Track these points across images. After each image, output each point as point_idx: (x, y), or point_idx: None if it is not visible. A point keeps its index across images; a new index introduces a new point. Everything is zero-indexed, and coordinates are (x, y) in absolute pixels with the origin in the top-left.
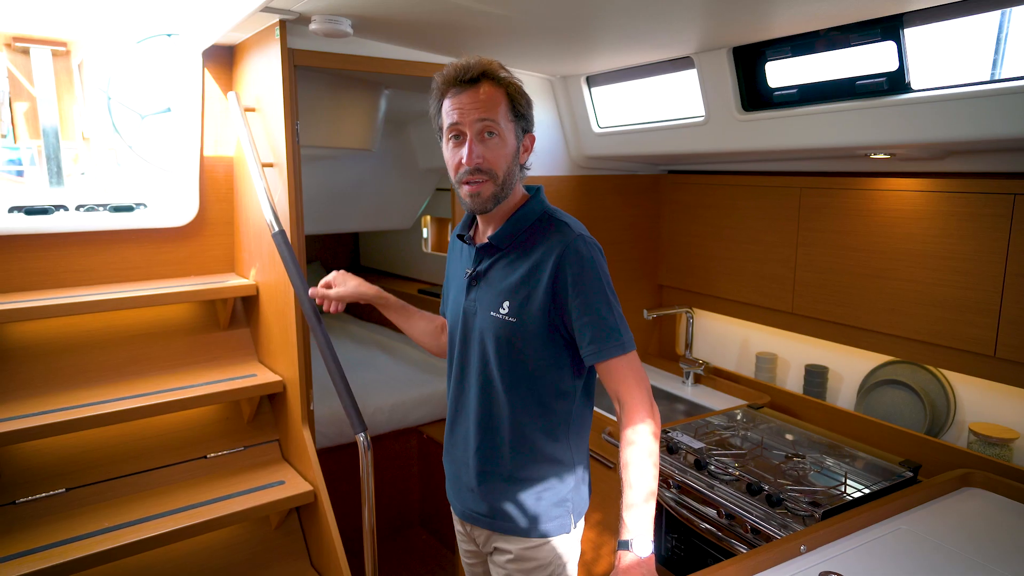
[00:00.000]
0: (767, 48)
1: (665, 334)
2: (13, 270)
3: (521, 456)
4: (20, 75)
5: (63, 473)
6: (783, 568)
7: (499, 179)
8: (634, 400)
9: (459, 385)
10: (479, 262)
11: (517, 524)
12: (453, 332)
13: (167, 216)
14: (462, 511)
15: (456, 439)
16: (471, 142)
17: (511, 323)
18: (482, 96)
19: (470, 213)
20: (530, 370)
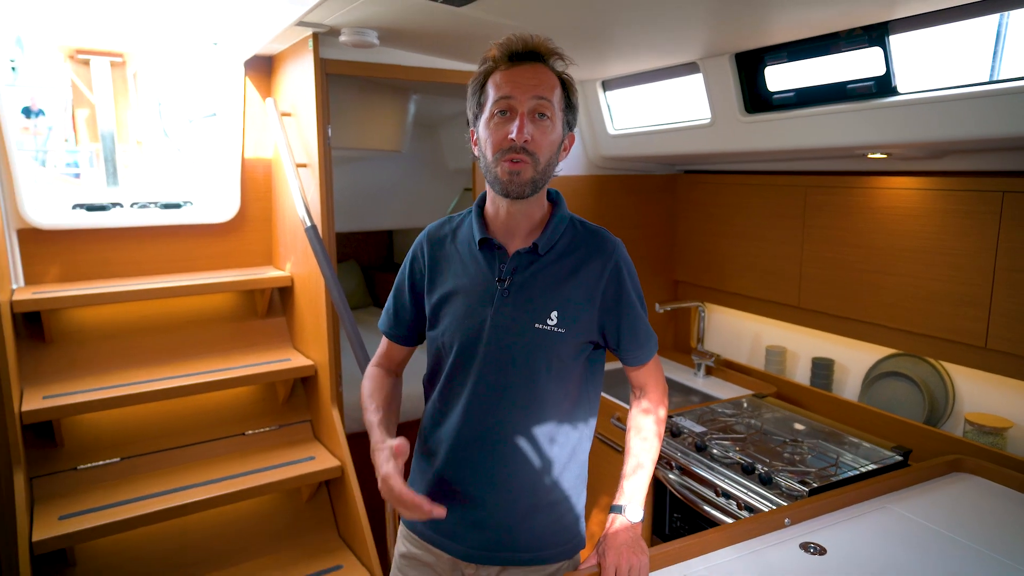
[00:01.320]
0: (766, 54)
1: (680, 328)
2: (76, 261)
3: (556, 478)
4: (81, 84)
5: (118, 444)
6: (765, 538)
7: (540, 165)
8: (657, 391)
9: (472, 407)
10: (513, 269)
11: (542, 553)
12: (463, 350)
13: (211, 213)
14: (467, 553)
15: (465, 467)
16: (523, 117)
17: (559, 334)
18: (540, 74)
19: (478, 216)
20: (566, 381)
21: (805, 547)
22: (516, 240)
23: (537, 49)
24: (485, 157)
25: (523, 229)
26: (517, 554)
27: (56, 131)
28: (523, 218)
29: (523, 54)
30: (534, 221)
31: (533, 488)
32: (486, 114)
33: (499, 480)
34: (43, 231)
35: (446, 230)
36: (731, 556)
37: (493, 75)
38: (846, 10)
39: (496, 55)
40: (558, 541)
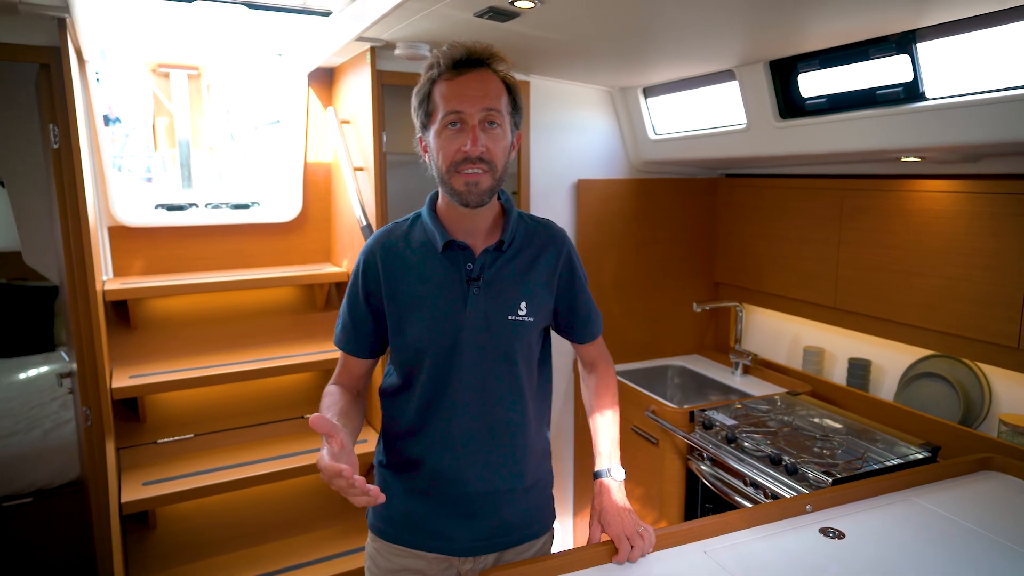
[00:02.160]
0: (799, 61)
1: (720, 328)
2: (157, 256)
3: (537, 456)
4: (161, 95)
5: (192, 421)
6: (786, 523)
7: (497, 172)
8: (608, 366)
9: (460, 407)
10: (480, 267)
11: (530, 530)
12: (440, 352)
13: (276, 213)
14: (463, 547)
15: (459, 467)
16: (475, 129)
17: (529, 322)
18: (487, 83)
19: (434, 220)
20: (533, 364)
21: (824, 531)
22: (478, 239)
23: (480, 55)
24: (439, 168)
25: (483, 229)
26: (509, 537)
27: (133, 138)
28: (483, 219)
29: (466, 61)
30: (490, 221)
31: (521, 473)
32: (436, 125)
33: (489, 471)
34: (130, 228)
35: (396, 237)
36: (750, 537)
37: (438, 84)
38: (875, 19)
39: (440, 63)
40: (542, 516)
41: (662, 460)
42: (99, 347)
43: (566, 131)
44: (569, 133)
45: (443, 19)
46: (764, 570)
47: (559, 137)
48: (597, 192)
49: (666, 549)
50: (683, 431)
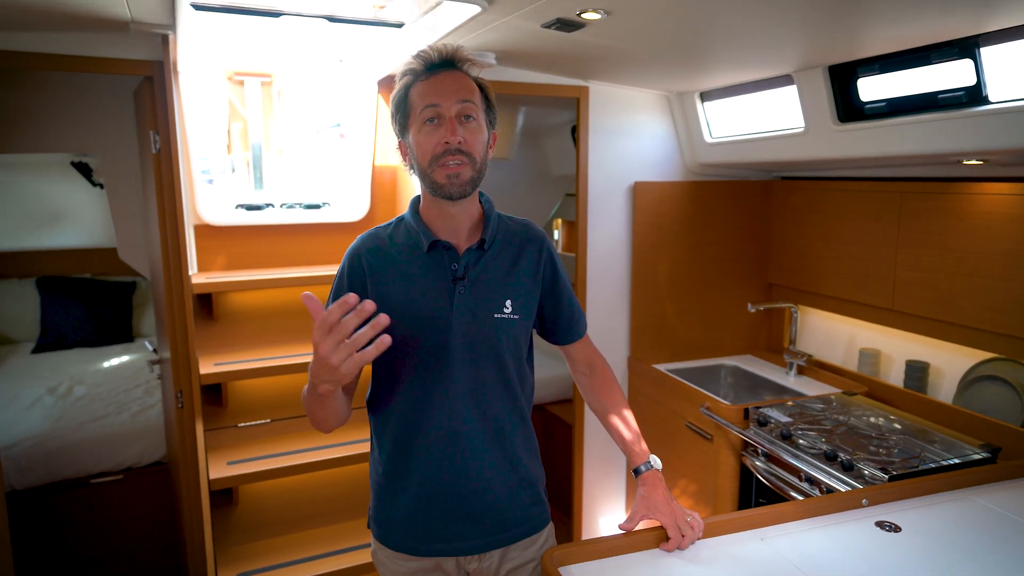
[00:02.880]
0: (859, 66)
1: (774, 329)
2: (237, 252)
3: (528, 451)
4: (236, 102)
5: (269, 408)
6: (841, 515)
7: (477, 164)
8: (605, 365)
9: (452, 406)
10: (465, 267)
11: (532, 524)
12: (430, 352)
13: (345, 213)
14: (470, 546)
15: (453, 468)
16: (452, 122)
17: (515, 320)
18: (459, 79)
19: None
20: (521, 361)
21: (880, 524)
22: (462, 239)
23: (452, 57)
24: (420, 165)
25: (465, 228)
26: (511, 533)
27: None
28: (465, 218)
29: (439, 63)
30: (474, 220)
31: (515, 467)
32: (415, 123)
33: (486, 468)
34: (213, 227)
35: (380, 239)
36: (805, 527)
37: (414, 87)
38: (937, 25)
39: (415, 68)
40: (539, 511)
41: (716, 456)
42: (191, 336)
43: (623, 135)
44: (626, 137)
45: (512, 30)
46: (820, 557)
47: (616, 141)
48: (653, 194)
49: (723, 535)
50: (738, 427)
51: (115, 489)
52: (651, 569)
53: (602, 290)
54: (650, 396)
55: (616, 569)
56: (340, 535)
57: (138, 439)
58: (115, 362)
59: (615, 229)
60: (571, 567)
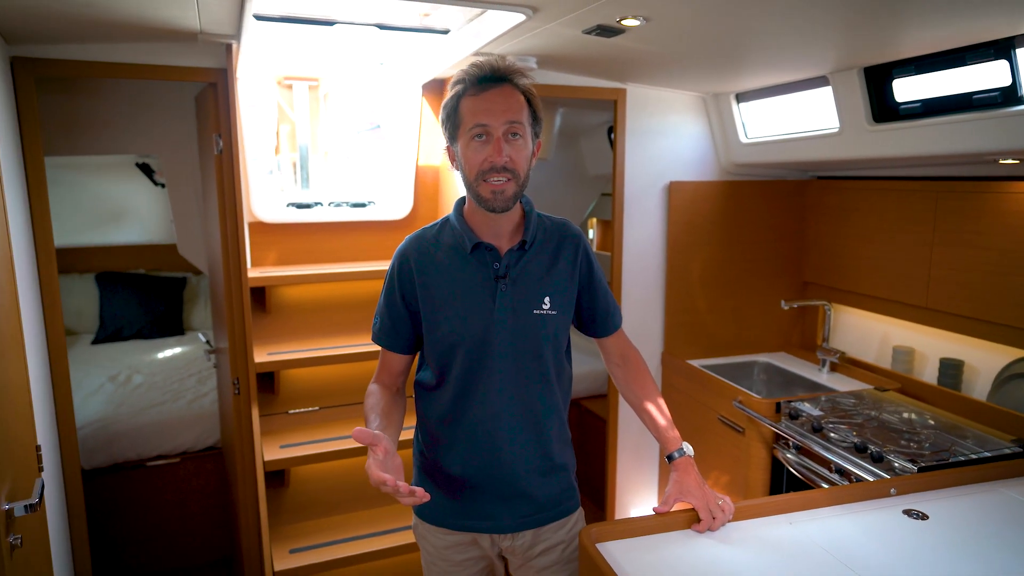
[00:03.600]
0: (894, 67)
1: (807, 327)
2: (288, 248)
3: (561, 440)
4: (285, 105)
5: (317, 396)
6: (869, 503)
7: (520, 180)
8: (638, 356)
9: (491, 397)
10: (506, 266)
11: (562, 507)
12: (472, 346)
13: (390, 211)
14: (504, 525)
15: (492, 453)
16: (499, 141)
17: (553, 316)
18: (509, 97)
19: (463, 224)
20: (559, 354)
21: (908, 512)
22: (504, 240)
23: (503, 72)
24: (467, 177)
25: (507, 231)
26: (544, 515)
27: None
28: (507, 221)
29: (491, 78)
30: (515, 222)
31: (549, 454)
32: (464, 137)
33: (522, 454)
34: (265, 224)
35: (426, 241)
36: (834, 513)
37: (464, 99)
38: (972, 27)
39: (467, 80)
40: (571, 496)
41: (748, 448)
42: (248, 327)
43: (659, 135)
44: (662, 137)
45: (553, 36)
46: (847, 542)
47: (652, 141)
48: (688, 193)
49: (754, 519)
50: (770, 420)
51: (172, 471)
52: (683, 548)
53: (637, 287)
54: (683, 391)
55: (649, 547)
56: (383, 517)
57: (193, 425)
58: (168, 353)
59: (650, 228)
60: (607, 544)
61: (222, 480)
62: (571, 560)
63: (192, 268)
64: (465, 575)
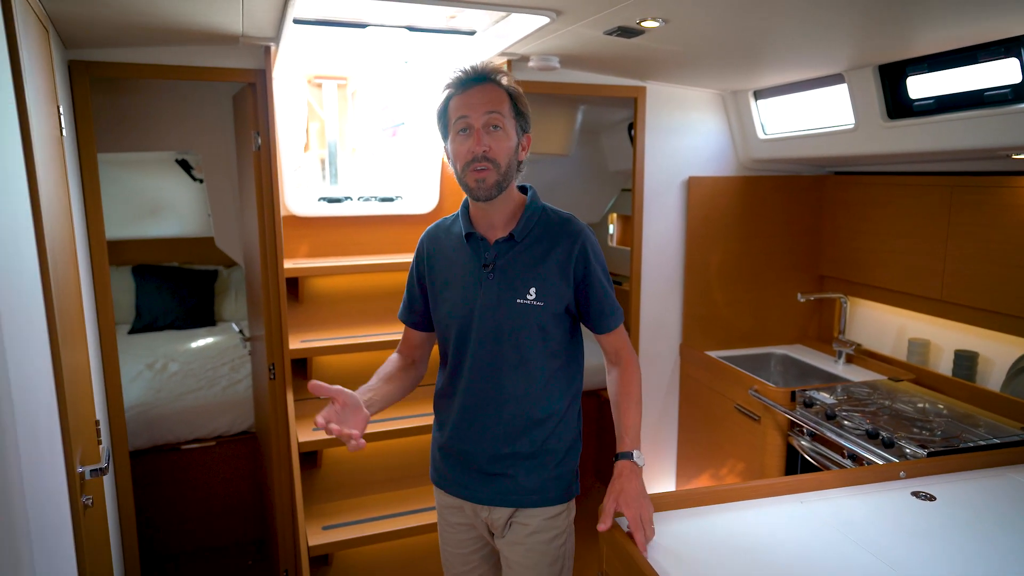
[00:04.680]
0: (908, 65)
1: (824, 320)
2: (320, 241)
3: (549, 431)
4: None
5: (348, 382)
6: (879, 486)
7: (502, 169)
8: (631, 356)
9: (473, 377)
10: (495, 255)
11: (544, 495)
12: (460, 328)
13: (416, 205)
14: (481, 497)
15: (471, 429)
16: (479, 132)
17: (538, 307)
18: (489, 93)
19: (464, 215)
20: (550, 345)
21: (916, 494)
22: (496, 231)
23: (484, 73)
24: (455, 169)
25: (500, 221)
26: (524, 497)
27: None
28: (497, 213)
29: (473, 79)
30: (508, 214)
31: (531, 440)
32: (451, 133)
33: (501, 436)
34: (298, 217)
35: (441, 230)
36: (844, 494)
37: (452, 101)
38: (984, 26)
39: (452, 83)
40: (558, 486)
41: (763, 436)
42: (284, 315)
43: (678, 132)
44: (681, 133)
45: (575, 36)
46: (856, 520)
47: (671, 138)
48: (706, 188)
49: (765, 498)
50: (785, 408)
51: (207, 454)
52: (695, 523)
53: (656, 280)
54: (701, 381)
55: (663, 521)
56: (411, 497)
57: (228, 410)
58: (201, 343)
59: (669, 222)
60: (619, 519)
61: (255, 463)
62: (539, 546)
63: (223, 261)
64: (460, 538)
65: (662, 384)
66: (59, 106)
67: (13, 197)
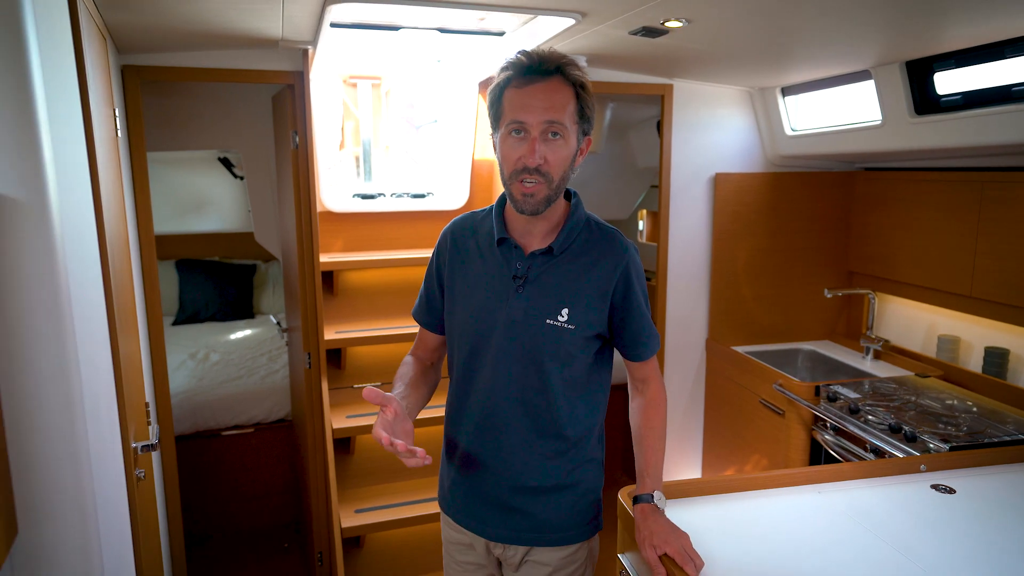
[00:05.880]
0: (934, 61)
1: (852, 316)
2: (353, 236)
3: (572, 462)
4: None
5: (380, 372)
6: (898, 478)
7: (554, 183)
8: (659, 386)
9: (486, 399)
10: (527, 268)
11: (566, 534)
12: (476, 342)
13: (447, 201)
14: (494, 533)
15: (485, 458)
16: (535, 141)
17: (568, 330)
18: (553, 94)
19: (498, 215)
20: (580, 373)
21: (935, 487)
22: (534, 240)
23: (550, 64)
24: (502, 171)
25: (540, 231)
26: (543, 535)
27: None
28: (540, 221)
29: (537, 69)
30: (551, 224)
31: (550, 472)
32: (502, 130)
33: (516, 467)
34: (333, 213)
35: (468, 226)
36: (862, 485)
37: (508, 90)
38: (1011, 21)
39: (512, 69)
40: (579, 522)
41: (787, 430)
42: (319, 306)
43: (705, 128)
44: (708, 130)
45: (602, 37)
46: (872, 510)
47: (698, 134)
48: (733, 184)
49: (782, 488)
50: (809, 402)
51: (246, 440)
52: (715, 510)
53: (682, 275)
54: (726, 376)
55: (684, 507)
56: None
57: (265, 398)
58: (240, 335)
59: (696, 218)
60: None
61: (291, 449)
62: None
63: (262, 255)
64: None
65: (688, 379)
66: (115, 109)
67: (80, 196)
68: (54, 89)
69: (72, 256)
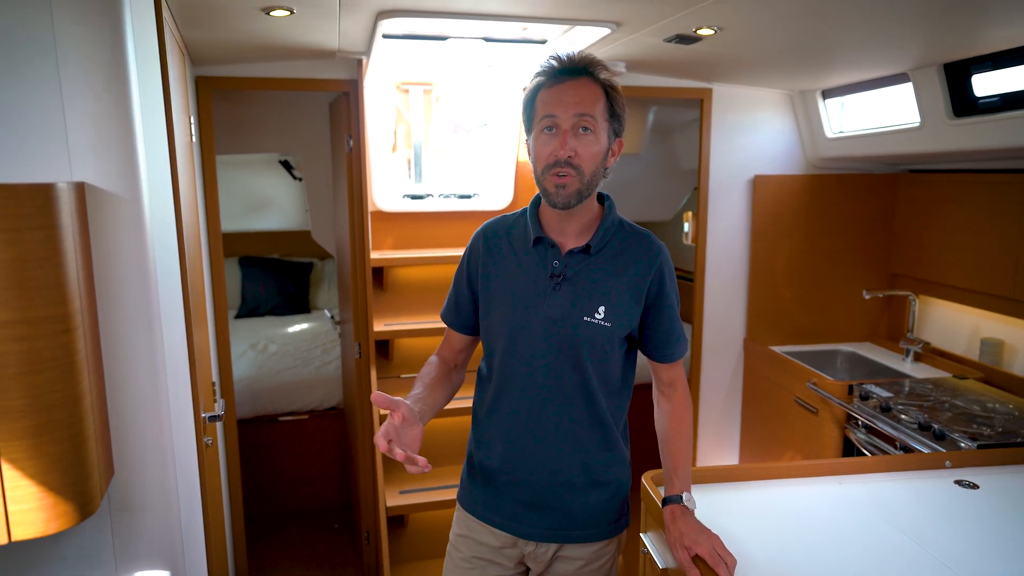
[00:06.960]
0: (972, 64)
1: (894, 319)
2: (403, 234)
3: (606, 459)
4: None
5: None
6: (922, 473)
7: (585, 177)
8: (685, 389)
9: (524, 397)
10: (565, 266)
11: (599, 529)
12: (514, 340)
13: (492, 201)
14: (528, 531)
15: (521, 456)
16: (566, 134)
17: (606, 328)
18: (582, 89)
19: (533, 215)
20: (613, 372)
21: (959, 482)
22: (569, 239)
23: (579, 65)
24: (535, 169)
25: (575, 230)
26: (574, 532)
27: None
28: (574, 220)
29: (567, 70)
30: (585, 222)
31: (585, 469)
32: (535, 129)
33: (554, 464)
34: (384, 212)
35: (502, 228)
36: (885, 479)
37: (541, 92)
38: None
39: (544, 72)
40: (609, 519)
41: (820, 428)
42: (370, 300)
43: (744, 131)
44: (747, 133)
45: (638, 44)
46: (892, 503)
47: (738, 137)
48: (772, 187)
49: (803, 478)
50: (842, 401)
51: (301, 426)
52: (735, 496)
53: (720, 275)
54: (763, 375)
55: (705, 493)
56: None
57: (319, 387)
58: (297, 328)
59: (735, 219)
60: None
61: (342, 435)
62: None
63: (318, 254)
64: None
65: (725, 377)
66: (191, 116)
67: (163, 196)
68: (145, 100)
69: (158, 248)
